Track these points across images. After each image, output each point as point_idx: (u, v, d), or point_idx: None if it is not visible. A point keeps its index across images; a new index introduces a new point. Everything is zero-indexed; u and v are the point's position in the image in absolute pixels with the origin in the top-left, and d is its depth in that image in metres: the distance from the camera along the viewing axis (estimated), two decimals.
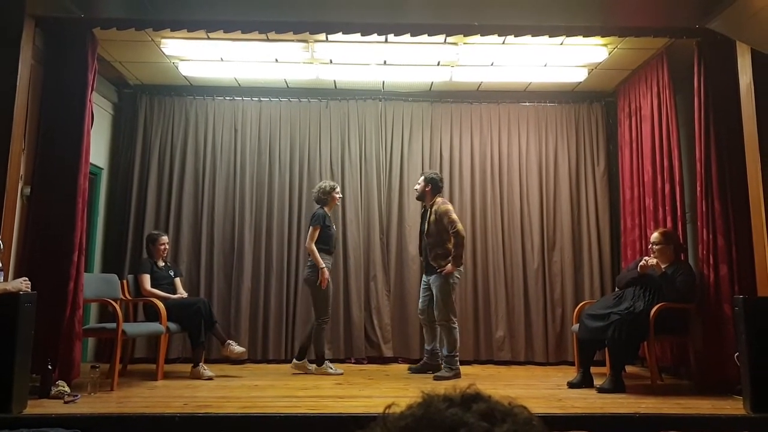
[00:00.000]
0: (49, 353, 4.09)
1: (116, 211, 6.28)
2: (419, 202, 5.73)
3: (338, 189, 5.61)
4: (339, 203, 5.74)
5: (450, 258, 5.12)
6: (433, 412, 0.75)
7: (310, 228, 5.40)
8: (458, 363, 5.17)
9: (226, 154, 6.42)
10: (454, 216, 5.18)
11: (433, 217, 5.22)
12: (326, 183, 5.60)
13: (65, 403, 3.81)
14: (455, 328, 5.14)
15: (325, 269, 5.26)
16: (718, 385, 4.31)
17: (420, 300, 5.49)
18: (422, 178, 5.46)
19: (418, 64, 5.77)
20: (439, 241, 5.18)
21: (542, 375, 5.41)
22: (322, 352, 5.33)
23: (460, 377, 5.07)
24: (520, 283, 6.25)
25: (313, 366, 5.28)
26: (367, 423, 0.77)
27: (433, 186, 5.35)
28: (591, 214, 6.37)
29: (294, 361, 5.40)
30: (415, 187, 5.55)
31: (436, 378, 5.02)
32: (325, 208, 5.49)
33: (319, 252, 5.30)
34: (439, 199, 5.33)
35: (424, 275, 5.47)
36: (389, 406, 0.79)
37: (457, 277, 5.26)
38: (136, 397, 4.14)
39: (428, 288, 5.33)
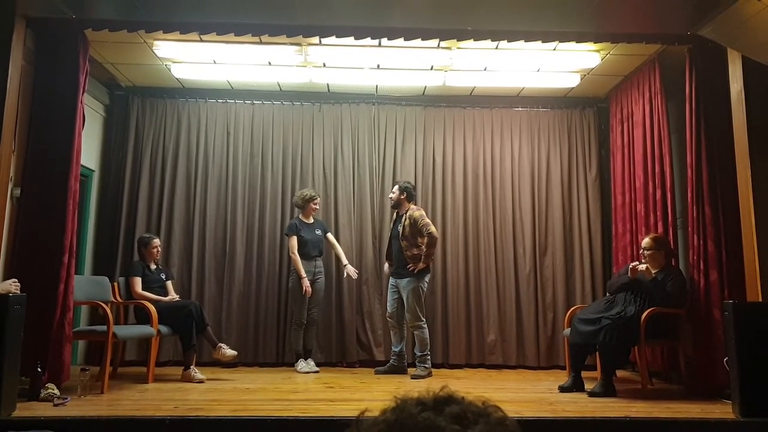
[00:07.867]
0: (39, 355, 4.06)
1: (107, 213, 6.24)
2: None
3: (318, 200, 5.89)
4: (315, 213, 5.91)
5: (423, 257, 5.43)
6: (406, 417, 0.76)
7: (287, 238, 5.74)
8: (430, 361, 5.47)
9: (219, 157, 6.40)
10: (428, 220, 5.52)
11: (408, 221, 5.48)
12: (307, 191, 5.89)
13: (55, 405, 3.78)
14: (425, 329, 5.46)
15: (305, 279, 5.56)
16: (707, 390, 4.35)
17: (388, 303, 5.68)
18: (396, 187, 5.69)
19: (412, 69, 5.78)
20: (414, 243, 5.45)
21: (534, 379, 5.42)
22: (297, 351, 5.62)
23: (432, 375, 5.42)
24: (512, 288, 6.26)
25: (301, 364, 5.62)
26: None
27: (408, 194, 5.64)
28: (583, 219, 6.39)
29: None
30: (390, 196, 5.76)
31: (414, 377, 5.31)
32: (301, 216, 5.81)
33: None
34: (412, 206, 5.60)
35: (391, 278, 5.65)
36: (363, 412, 0.79)
37: (426, 282, 5.51)
38: (127, 400, 4.11)
39: (396, 291, 5.56)
